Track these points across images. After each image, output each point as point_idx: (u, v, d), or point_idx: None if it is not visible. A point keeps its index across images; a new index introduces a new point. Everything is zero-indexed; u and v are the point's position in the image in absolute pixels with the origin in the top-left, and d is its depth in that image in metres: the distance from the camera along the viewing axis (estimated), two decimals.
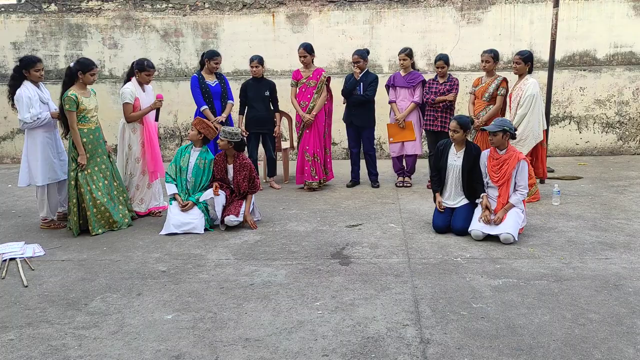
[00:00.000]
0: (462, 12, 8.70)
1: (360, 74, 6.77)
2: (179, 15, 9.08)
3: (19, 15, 9.25)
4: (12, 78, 5.46)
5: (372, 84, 6.79)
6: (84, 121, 5.33)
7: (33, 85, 5.43)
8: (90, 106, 5.34)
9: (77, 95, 5.22)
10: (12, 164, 9.35)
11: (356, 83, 6.79)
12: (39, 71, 5.42)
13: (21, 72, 5.40)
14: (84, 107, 5.28)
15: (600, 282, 4.00)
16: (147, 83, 5.88)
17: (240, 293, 3.98)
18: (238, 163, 5.54)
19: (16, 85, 5.38)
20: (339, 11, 8.87)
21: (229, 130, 5.46)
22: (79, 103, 5.23)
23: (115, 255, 4.86)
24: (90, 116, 5.37)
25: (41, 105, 5.42)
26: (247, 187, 5.54)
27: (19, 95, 5.33)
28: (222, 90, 6.75)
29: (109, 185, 5.53)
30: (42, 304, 3.89)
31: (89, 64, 5.34)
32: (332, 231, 5.34)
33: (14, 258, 4.76)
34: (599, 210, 5.82)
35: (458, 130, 5.16)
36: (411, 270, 4.33)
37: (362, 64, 6.77)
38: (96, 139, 5.43)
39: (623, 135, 8.77)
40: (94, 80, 5.40)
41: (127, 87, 5.72)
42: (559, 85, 8.55)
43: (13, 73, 5.48)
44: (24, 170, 5.53)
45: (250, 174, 5.54)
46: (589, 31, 8.62)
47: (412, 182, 7.11)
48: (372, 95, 6.82)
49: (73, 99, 5.19)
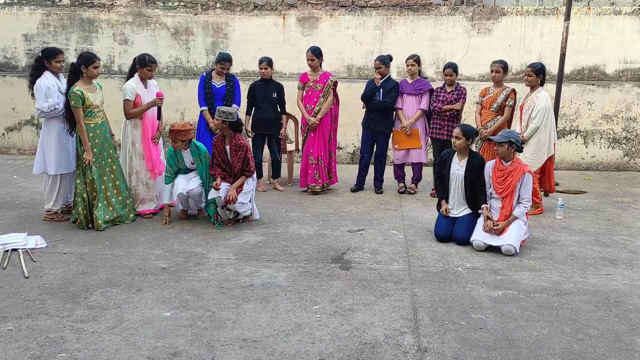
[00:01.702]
0: (473, 21, 8.71)
1: (381, 80, 6.78)
2: (190, 13, 9.11)
3: (31, 7, 9.30)
4: (34, 68, 5.55)
5: (392, 90, 6.79)
6: (91, 116, 5.36)
7: (53, 76, 5.52)
8: (95, 101, 5.38)
9: (83, 90, 5.26)
10: (18, 155, 9.39)
11: (376, 89, 6.80)
12: (60, 62, 5.54)
13: (42, 63, 5.50)
14: (90, 102, 5.31)
15: (600, 298, 3.99)
16: (150, 78, 5.85)
17: (240, 293, 3.99)
18: (234, 144, 5.52)
19: (37, 75, 5.48)
20: (349, 16, 8.89)
21: (224, 109, 5.45)
22: (85, 98, 5.27)
23: (117, 250, 4.87)
24: (97, 111, 5.41)
25: (59, 95, 5.49)
26: (241, 168, 5.52)
27: (38, 84, 5.42)
28: (227, 92, 6.71)
29: (116, 179, 5.58)
30: (42, 296, 3.91)
31: (91, 56, 5.40)
32: (333, 235, 5.34)
33: (16, 249, 4.78)
34: (603, 225, 5.80)
35: (460, 137, 5.16)
36: (411, 277, 4.32)
37: (384, 70, 6.78)
38: (103, 133, 5.47)
39: (629, 151, 8.75)
40: (98, 74, 5.43)
41: (128, 83, 5.72)
42: (567, 99, 8.54)
43: (35, 63, 5.57)
44: (39, 158, 5.63)
45: (245, 155, 5.53)
46: (599, 46, 8.60)
47: (416, 190, 7.11)
48: (391, 103, 6.81)
49: (79, 94, 5.22)
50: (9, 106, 9.41)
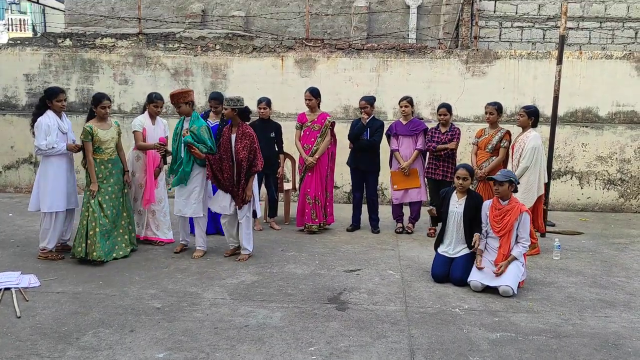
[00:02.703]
0: (467, 64, 8.88)
1: (368, 119, 6.87)
2: (190, 55, 9.28)
3: (33, 48, 9.46)
4: (37, 107, 5.73)
5: (378, 129, 6.89)
6: (98, 152, 5.64)
7: (55, 115, 5.65)
8: (105, 138, 5.64)
9: (93, 127, 5.59)
10: (15, 193, 9.38)
11: (363, 128, 6.88)
12: (61, 102, 5.68)
13: (45, 102, 5.65)
14: (99, 138, 5.60)
15: (599, 341, 3.95)
16: (156, 114, 6.25)
17: (235, 334, 3.93)
18: (240, 132, 5.64)
19: (40, 113, 5.63)
20: (346, 58, 9.06)
21: (232, 97, 5.63)
22: (94, 134, 5.57)
23: (111, 289, 4.82)
24: (104, 147, 5.66)
25: (59, 134, 5.61)
26: (246, 158, 5.58)
27: (39, 122, 5.57)
28: (219, 130, 6.78)
29: (117, 215, 5.78)
30: (33, 336, 3.85)
31: (99, 97, 5.68)
32: (330, 275, 5.30)
33: (9, 288, 4.73)
34: (600, 267, 5.78)
35: (468, 178, 5.21)
36: (408, 319, 4.28)
37: (369, 110, 6.88)
38: (109, 170, 5.71)
39: (624, 192, 8.79)
40: (106, 113, 5.69)
41: (137, 118, 6.22)
42: (561, 140, 8.64)
43: (38, 102, 5.76)
44: (35, 196, 5.70)
45: (252, 145, 5.63)
46: (591, 89, 8.76)
47: (413, 229, 7.10)
48: (378, 141, 6.91)
49: (88, 130, 5.56)
50: (7, 144, 9.45)
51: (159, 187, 6.29)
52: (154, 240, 6.26)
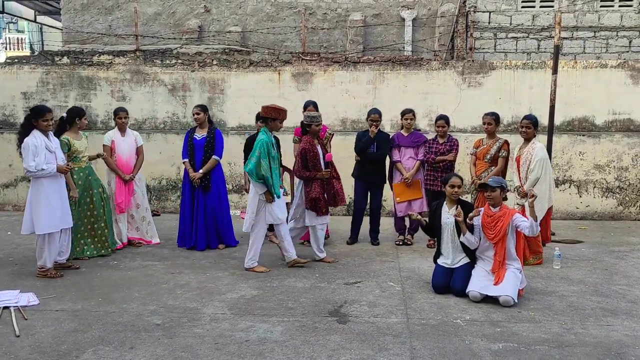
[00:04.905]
0: (463, 75, 8.92)
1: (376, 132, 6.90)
2: (187, 70, 9.31)
3: (31, 66, 9.49)
4: (22, 126, 5.62)
5: (385, 142, 6.92)
6: (76, 160, 6.13)
7: (42, 135, 5.52)
8: (80, 147, 6.16)
9: (69, 138, 6.08)
10: (13, 211, 9.36)
11: (371, 141, 6.90)
12: (47, 121, 5.52)
13: (31, 121, 5.53)
14: (75, 148, 6.10)
15: (602, 350, 3.93)
16: (121, 126, 6.79)
17: (235, 349, 3.91)
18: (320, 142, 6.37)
19: (25, 133, 5.50)
20: (343, 71, 9.09)
21: (312, 114, 6.30)
22: (71, 145, 6.06)
23: (110, 306, 4.79)
24: (81, 156, 6.18)
25: (47, 154, 5.49)
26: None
27: (25, 143, 5.43)
28: (207, 143, 6.84)
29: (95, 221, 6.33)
30: (32, 355, 3.82)
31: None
32: (330, 288, 5.28)
33: (8, 306, 4.70)
34: (600, 275, 5.77)
35: (462, 186, 5.23)
36: (410, 331, 4.25)
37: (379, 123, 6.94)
38: (86, 176, 6.23)
39: (623, 200, 8.80)
40: (84, 125, 6.24)
41: (107, 132, 6.89)
42: (559, 149, 8.66)
43: (24, 121, 5.65)
44: (27, 218, 5.56)
45: None
46: (587, 97, 8.79)
47: (413, 241, 7.09)
48: (386, 154, 6.95)
49: (65, 142, 6.01)
50: (5, 162, 9.45)
51: (137, 193, 6.83)
52: (134, 240, 6.85)
